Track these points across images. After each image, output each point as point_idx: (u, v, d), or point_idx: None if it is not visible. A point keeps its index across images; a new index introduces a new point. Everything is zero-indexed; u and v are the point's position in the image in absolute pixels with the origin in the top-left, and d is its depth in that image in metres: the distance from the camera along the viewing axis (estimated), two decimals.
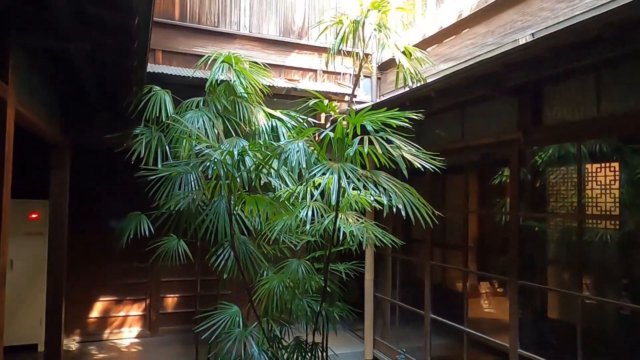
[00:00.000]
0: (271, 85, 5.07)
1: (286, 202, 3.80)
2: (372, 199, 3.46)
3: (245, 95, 4.58)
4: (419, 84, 4.43)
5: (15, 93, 3.02)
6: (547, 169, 4.98)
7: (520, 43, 4.11)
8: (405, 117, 3.11)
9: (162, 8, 5.75)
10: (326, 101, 3.20)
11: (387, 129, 3.02)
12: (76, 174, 5.62)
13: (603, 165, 4.28)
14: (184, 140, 3.91)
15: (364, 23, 4.55)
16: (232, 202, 3.67)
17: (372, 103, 6.24)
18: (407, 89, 4.57)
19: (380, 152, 2.83)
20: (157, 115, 4.28)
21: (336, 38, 4.70)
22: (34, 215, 6.20)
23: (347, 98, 5.94)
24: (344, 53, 4.75)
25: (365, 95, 6.32)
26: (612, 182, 4.16)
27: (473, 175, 6.42)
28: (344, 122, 3.08)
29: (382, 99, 6.27)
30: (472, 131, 4.81)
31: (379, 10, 4.62)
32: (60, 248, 5.27)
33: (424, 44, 5.50)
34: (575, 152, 4.15)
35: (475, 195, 6.53)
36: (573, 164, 5.08)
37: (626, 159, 4.88)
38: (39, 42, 3.12)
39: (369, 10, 4.51)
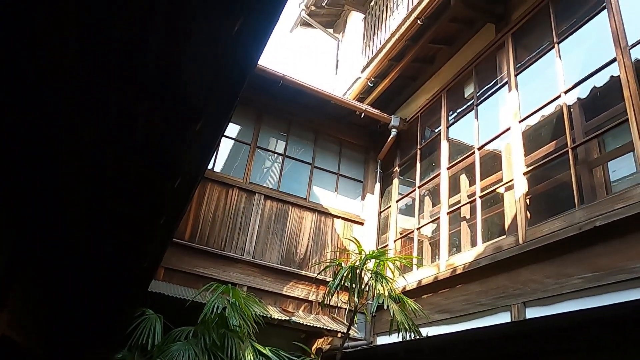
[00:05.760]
0: (265, 315, 5.16)
1: None
2: None
3: (238, 329, 4.52)
4: (413, 335, 4.42)
5: (7, 322, 3.01)
6: None
7: (513, 310, 4.19)
8: None
9: None
10: None
11: None
12: None
13: None
14: None
15: (361, 269, 4.79)
16: None
17: (366, 344, 6.09)
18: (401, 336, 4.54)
19: None
20: (144, 342, 4.17)
21: (334, 279, 4.89)
22: None
23: (340, 335, 5.83)
24: (341, 287, 4.89)
25: (358, 333, 6.21)
26: None
27: None
28: None
29: (377, 341, 6.15)
30: None
31: (377, 259, 4.89)
32: None
33: (419, 291, 5.62)
34: None
35: None
36: None
37: None
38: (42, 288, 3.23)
39: (367, 259, 4.76)
